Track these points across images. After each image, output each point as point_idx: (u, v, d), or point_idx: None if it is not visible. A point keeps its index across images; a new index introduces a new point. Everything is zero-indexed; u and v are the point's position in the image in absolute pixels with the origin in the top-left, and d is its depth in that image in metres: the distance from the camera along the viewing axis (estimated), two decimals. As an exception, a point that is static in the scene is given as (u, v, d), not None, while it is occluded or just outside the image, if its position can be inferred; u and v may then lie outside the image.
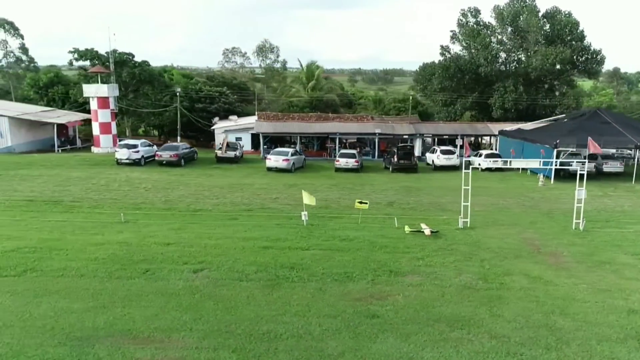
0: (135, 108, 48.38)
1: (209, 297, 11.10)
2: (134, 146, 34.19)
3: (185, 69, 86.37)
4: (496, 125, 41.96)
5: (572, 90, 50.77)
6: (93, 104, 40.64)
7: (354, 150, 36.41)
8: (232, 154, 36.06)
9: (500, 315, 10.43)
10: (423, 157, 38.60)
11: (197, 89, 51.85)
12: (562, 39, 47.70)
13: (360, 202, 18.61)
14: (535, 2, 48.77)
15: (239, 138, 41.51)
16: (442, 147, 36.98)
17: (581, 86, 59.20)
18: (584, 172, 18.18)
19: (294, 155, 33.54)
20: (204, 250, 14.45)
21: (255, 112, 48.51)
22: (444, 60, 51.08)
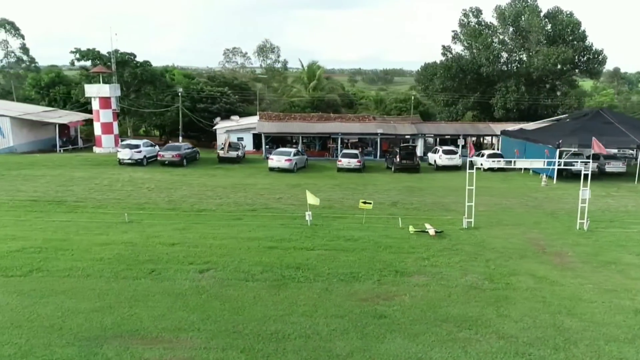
0: (137, 108, 48.34)
1: (215, 298, 11.10)
2: (136, 146, 34.22)
3: (186, 69, 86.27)
4: (498, 126, 41.93)
5: (573, 90, 50.75)
6: (95, 104, 40.68)
7: (356, 151, 36.43)
8: (234, 154, 36.05)
9: (508, 315, 10.43)
10: (425, 157, 38.59)
11: (199, 89, 51.81)
12: (564, 39, 47.65)
13: (364, 202, 18.62)
14: (537, 2, 48.76)
15: (241, 138, 41.56)
16: (445, 147, 36.97)
17: (581, 86, 59.13)
18: (588, 172, 18.20)
19: (296, 156, 33.55)
20: (209, 250, 14.46)
21: (256, 112, 48.51)
22: (445, 60, 51.02)
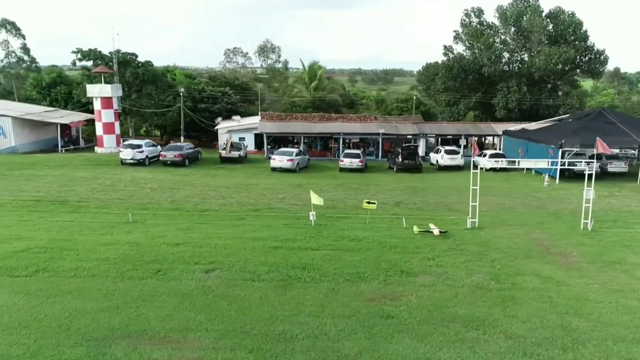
0: (139, 108, 48.32)
1: (222, 298, 11.10)
2: (138, 146, 34.20)
3: (186, 69, 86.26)
4: (500, 126, 41.94)
5: (575, 90, 50.73)
6: (96, 104, 40.66)
7: (358, 151, 36.41)
8: (236, 154, 36.05)
9: (515, 315, 10.43)
10: (427, 157, 38.58)
11: (200, 89, 51.81)
12: (566, 39, 47.62)
13: (368, 202, 18.61)
14: (539, 2, 48.78)
15: (242, 138, 41.59)
16: (447, 147, 36.93)
17: (581, 86, 59.10)
18: (592, 172, 18.19)
19: (298, 156, 33.53)
20: (214, 250, 14.46)
21: (258, 112, 48.52)
22: (447, 60, 51.01)
